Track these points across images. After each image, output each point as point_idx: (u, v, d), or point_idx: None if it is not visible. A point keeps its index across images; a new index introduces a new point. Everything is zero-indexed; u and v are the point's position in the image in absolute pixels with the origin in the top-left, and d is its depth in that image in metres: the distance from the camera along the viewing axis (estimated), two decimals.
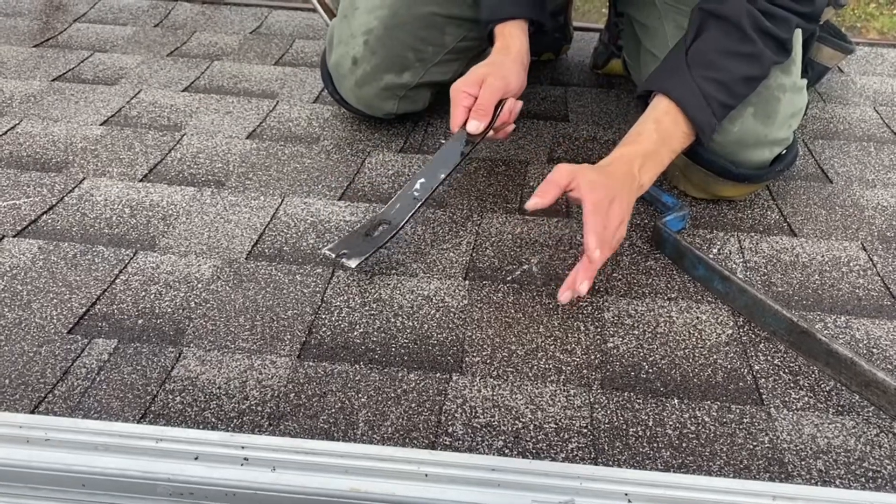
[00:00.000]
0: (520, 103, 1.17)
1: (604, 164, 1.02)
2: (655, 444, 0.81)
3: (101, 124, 1.37)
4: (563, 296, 0.95)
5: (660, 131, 1.04)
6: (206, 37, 1.76)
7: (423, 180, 1.09)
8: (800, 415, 0.86)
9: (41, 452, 0.70)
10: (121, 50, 1.67)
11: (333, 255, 1.01)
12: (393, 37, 1.27)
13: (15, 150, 1.28)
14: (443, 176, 1.09)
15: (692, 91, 1.03)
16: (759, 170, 1.16)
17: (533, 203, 0.95)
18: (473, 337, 0.94)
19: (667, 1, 1.23)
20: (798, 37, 1.16)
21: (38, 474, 0.70)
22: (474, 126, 1.10)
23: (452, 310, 0.98)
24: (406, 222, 1.05)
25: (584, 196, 0.95)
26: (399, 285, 1.01)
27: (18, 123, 1.35)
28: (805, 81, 1.18)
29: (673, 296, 1.02)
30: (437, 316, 0.97)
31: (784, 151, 1.18)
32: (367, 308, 0.98)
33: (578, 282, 0.94)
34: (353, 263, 0.99)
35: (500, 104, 1.13)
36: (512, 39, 1.18)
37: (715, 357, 0.93)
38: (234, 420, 0.81)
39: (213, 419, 0.81)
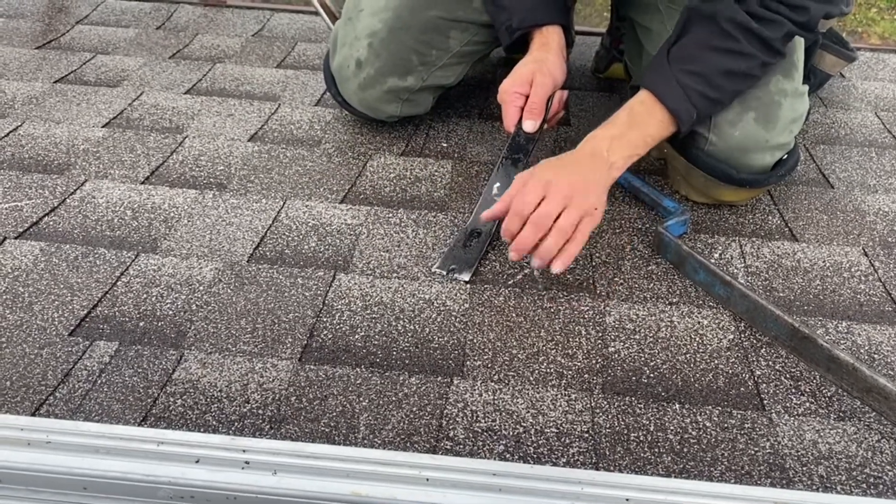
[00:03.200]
0: (566, 93, 1.22)
1: (566, 154, 1.07)
2: (657, 449, 0.81)
3: (103, 126, 1.37)
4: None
5: (631, 116, 1.08)
6: (209, 39, 1.76)
7: (498, 184, 1.13)
8: (801, 420, 0.85)
9: (42, 455, 0.70)
10: (123, 52, 1.67)
11: (445, 272, 1.04)
12: (397, 40, 1.27)
13: (17, 151, 1.28)
14: (515, 177, 1.09)
15: (669, 82, 1.06)
16: (761, 175, 1.16)
17: (530, 127, 1.13)
18: (475, 341, 0.94)
19: (669, 4, 1.23)
20: (800, 42, 1.16)
21: (39, 477, 0.70)
22: (530, 125, 1.14)
23: (454, 313, 0.98)
24: (497, 227, 1.08)
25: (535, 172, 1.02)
26: (400, 288, 1.01)
27: (20, 125, 1.35)
28: (806, 87, 1.18)
29: (674, 300, 1.02)
30: (439, 319, 0.97)
31: (785, 156, 1.18)
32: (368, 311, 0.98)
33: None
34: (466, 277, 1.04)
35: (549, 98, 1.17)
36: (550, 36, 1.20)
37: (716, 362, 0.93)
38: (236, 423, 0.81)
39: (215, 422, 0.81)
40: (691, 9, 1.07)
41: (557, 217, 0.98)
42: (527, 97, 1.15)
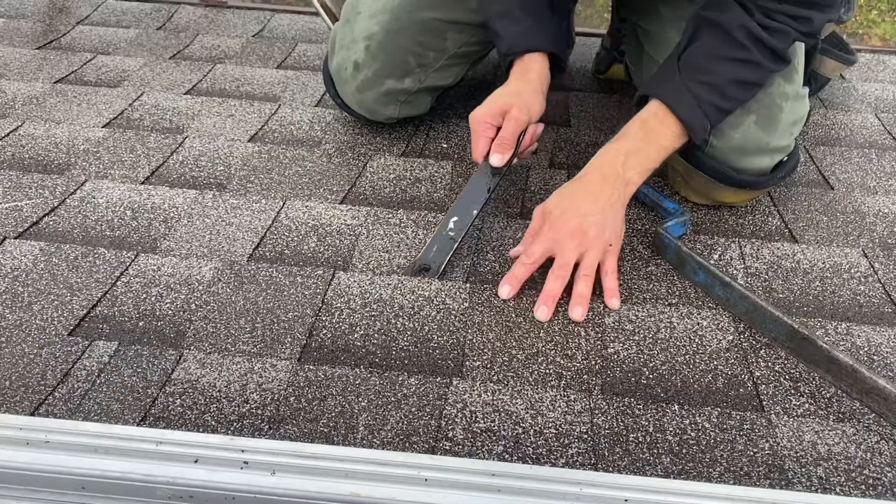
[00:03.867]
0: (541, 126, 1.19)
1: (580, 175, 1.06)
2: (656, 450, 0.81)
3: (103, 126, 1.37)
4: (540, 311, 0.98)
5: (644, 129, 1.06)
6: (209, 40, 1.76)
7: (455, 218, 1.08)
8: (800, 421, 0.85)
9: (41, 455, 0.70)
10: (123, 52, 1.67)
11: None
12: (394, 42, 1.28)
13: (17, 151, 1.28)
14: (475, 212, 1.08)
15: (681, 93, 1.04)
16: (761, 176, 1.16)
17: (497, 161, 1.09)
18: (474, 340, 0.94)
19: (671, 7, 1.23)
20: (800, 46, 1.16)
21: (37, 476, 0.70)
22: (498, 159, 1.11)
23: (453, 312, 0.98)
24: (445, 264, 1.05)
25: (556, 219, 1.01)
26: (400, 286, 1.01)
27: (21, 125, 1.36)
28: (807, 90, 1.18)
29: (674, 301, 1.02)
30: (438, 318, 0.97)
31: (785, 158, 1.18)
32: (367, 309, 0.98)
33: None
34: None
35: (521, 132, 1.14)
36: (532, 64, 1.17)
37: (715, 363, 0.93)
38: (235, 423, 0.81)
39: (213, 422, 0.81)
40: (700, 16, 1.06)
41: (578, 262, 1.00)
42: (498, 129, 1.12)
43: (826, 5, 1.04)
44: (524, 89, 1.16)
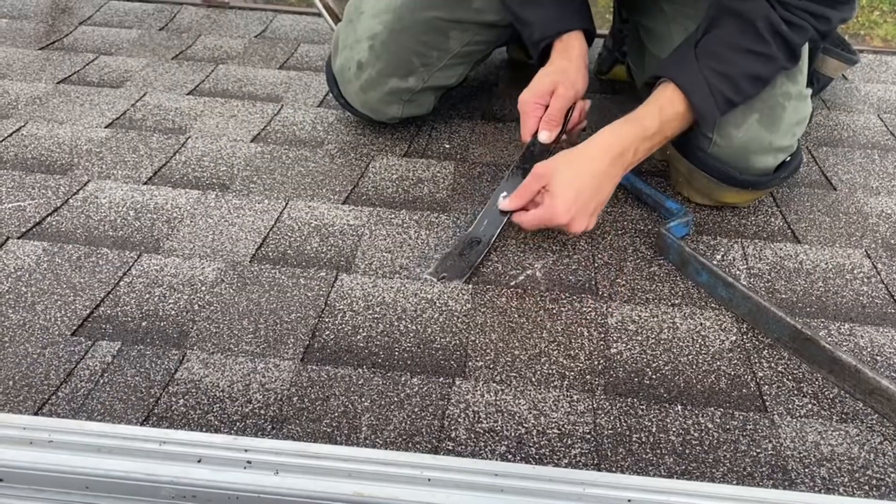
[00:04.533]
0: (588, 102, 1.20)
1: (588, 150, 1.06)
2: (659, 451, 0.81)
3: (105, 127, 1.37)
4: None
5: (662, 116, 1.07)
6: (211, 40, 1.76)
7: (505, 193, 1.10)
8: (803, 422, 0.85)
9: (45, 454, 0.70)
10: (126, 53, 1.68)
11: (436, 279, 1.03)
12: (398, 41, 1.28)
13: (20, 151, 1.28)
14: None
15: (698, 80, 1.05)
16: (763, 176, 1.16)
17: (506, 205, 1.08)
18: (477, 341, 0.94)
19: (675, 6, 1.23)
20: (806, 45, 1.16)
21: (41, 476, 0.70)
22: (546, 136, 1.13)
23: (456, 313, 0.98)
24: (496, 237, 1.07)
25: (555, 197, 1.03)
26: (403, 288, 1.02)
27: (24, 125, 1.36)
28: (810, 90, 1.18)
29: (676, 302, 1.02)
30: (441, 319, 0.97)
31: (788, 159, 1.18)
32: (370, 311, 0.98)
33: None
34: (455, 285, 1.03)
35: (570, 109, 1.16)
36: (571, 42, 1.19)
37: (718, 363, 0.93)
38: (238, 423, 0.82)
39: (217, 422, 0.82)
40: (722, 4, 1.06)
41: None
42: (546, 107, 1.14)
43: (844, 3, 1.04)
44: (568, 66, 1.17)
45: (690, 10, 1.19)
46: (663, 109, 1.07)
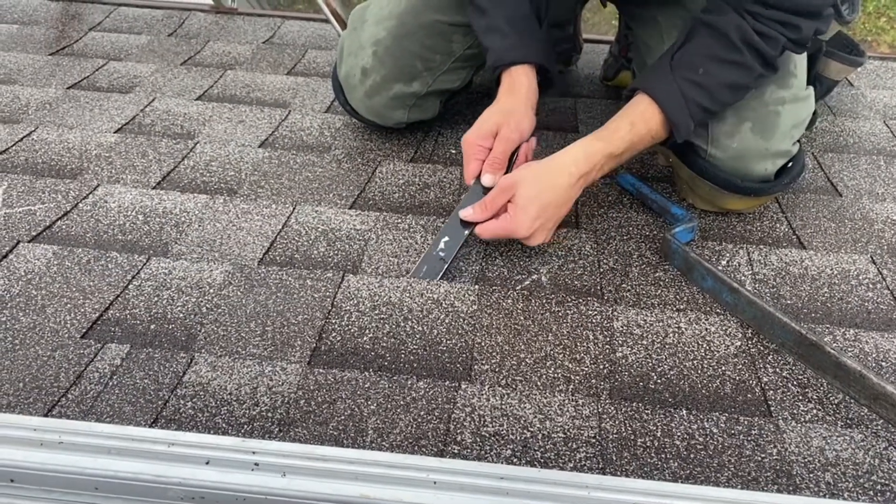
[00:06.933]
0: (533, 142, 1.18)
1: (556, 166, 1.06)
2: (663, 455, 0.81)
3: (115, 132, 1.38)
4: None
5: (632, 133, 1.08)
6: (220, 46, 1.77)
7: (446, 238, 1.08)
8: (808, 427, 0.86)
9: (55, 455, 0.71)
10: (135, 58, 1.69)
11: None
12: (401, 46, 1.29)
13: (30, 156, 1.29)
14: (466, 233, 1.08)
15: (672, 90, 1.06)
16: (765, 183, 1.17)
17: (469, 214, 1.07)
18: (483, 344, 0.94)
19: (667, 15, 1.23)
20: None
21: (51, 477, 0.70)
22: (489, 179, 1.11)
23: (462, 315, 0.98)
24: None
25: (520, 210, 1.03)
26: (409, 289, 1.02)
27: (34, 130, 1.37)
28: (811, 90, 1.18)
29: (682, 307, 1.03)
30: (447, 321, 0.97)
31: (790, 164, 1.18)
32: (376, 312, 0.98)
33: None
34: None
35: (514, 151, 1.13)
36: (519, 79, 1.17)
37: (723, 368, 0.93)
38: (245, 426, 0.82)
39: (224, 425, 0.82)
40: (697, 19, 1.08)
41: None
42: (490, 150, 1.12)
43: (814, 13, 1.04)
44: (514, 106, 1.15)
45: (680, 22, 1.19)
46: (635, 126, 1.08)
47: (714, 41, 1.05)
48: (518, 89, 1.16)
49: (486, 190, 1.10)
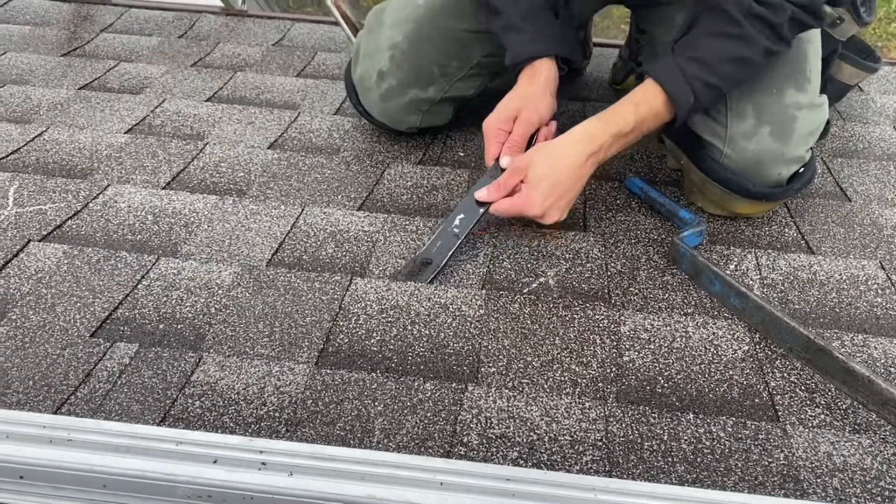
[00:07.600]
0: (553, 125, 1.20)
1: (565, 146, 1.09)
2: (670, 459, 0.81)
3: (125, 132, 1.39)
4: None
5: (637, 114, 1.09)
6: (230, 48, 1.78)
7: (461, 216, 1.11)
8: (816, 432, 0.85)
9: (64, 452, 0.71)
10: (146, 60, 1.70)
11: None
12: (418, 52, 1.29)
13: (42, 156, 1.30)
14: (482, 211, 1.11)
15: (671, 68, 1.07)
16: (777, 188, 1.16)
17: (484, 195, 1.11)
18: (489, 347, 0.95)
19: (685, 14, 1.23)
20: (814, 52, 1.16)
21: (60, 474, 0.71)
22: (508, 161, 1.13)
23: (469, 319, 0.99)
24: (447, 260, 1.07)
25: (533, 189, 1.07)
26: (416, 292, 1.02)
27: (45, 130, 1.38)
28: (825, 98, 1.18)
29: (689, 311, 1.03)
30: (454, 325, 0.98)
31: (802, 169, 1.18)
32: (384, 315, 0.98)
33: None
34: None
35: (534, 134, 1.16)
36: (538, 68, 1.19)
37: (731, 373, 0.93)
38: (253, 425, 0.82)
39: (232, 424, 0.83)
40: (699, 2, 1.09)
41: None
42: (510, 133, 1.15)
43: None
44: (533, 92, 1.18)
45: None
46: (638, 107, 1.09)
47: (713, 19, 1.06)
48: (537, 77, 1.19)
49: (504, 171, 1.13)
